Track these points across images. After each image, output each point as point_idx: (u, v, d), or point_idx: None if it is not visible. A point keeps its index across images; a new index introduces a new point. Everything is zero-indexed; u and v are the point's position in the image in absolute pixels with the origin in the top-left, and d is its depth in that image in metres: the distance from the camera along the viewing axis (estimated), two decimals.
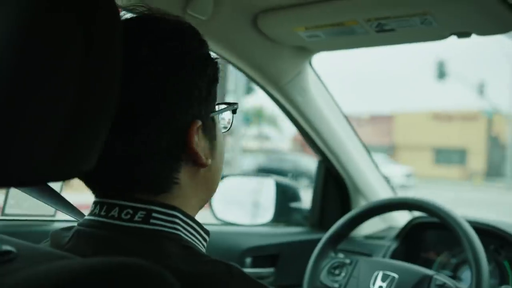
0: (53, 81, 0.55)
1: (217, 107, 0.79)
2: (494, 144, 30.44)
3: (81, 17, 0.58)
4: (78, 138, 0.57)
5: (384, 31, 1.27)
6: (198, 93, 0.71)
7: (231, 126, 0.85)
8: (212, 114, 0.75)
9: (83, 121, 0.57)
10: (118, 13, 0.63)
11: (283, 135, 29.15)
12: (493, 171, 29.44)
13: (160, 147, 0.68)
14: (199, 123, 0.71)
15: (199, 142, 0.71)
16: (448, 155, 30.72)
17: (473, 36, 1.24)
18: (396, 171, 19.98)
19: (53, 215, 1.37)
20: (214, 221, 1.80)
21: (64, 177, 0.58)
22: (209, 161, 0.74)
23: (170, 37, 0.71)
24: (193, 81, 0.70)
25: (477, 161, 30.32)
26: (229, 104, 0.83)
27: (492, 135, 30.63)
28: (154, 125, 0.67)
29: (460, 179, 29.12)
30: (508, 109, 25.50)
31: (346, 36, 1.34)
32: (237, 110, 0.85)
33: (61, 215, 1.28)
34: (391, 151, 31.80)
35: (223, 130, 0.83)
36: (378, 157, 20.98)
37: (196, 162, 0.72)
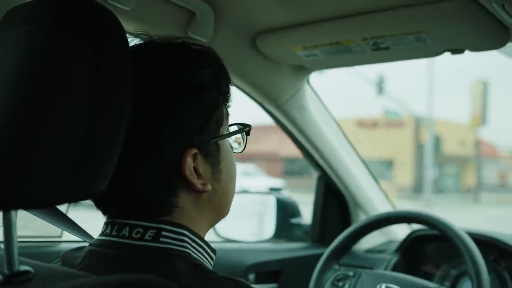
0: (67, 107, 0.58)
1: (230, 128, 0.81)
2: (422, 153, 26.22)
3: (92, 44, 0.61)
4: (91, 161, 0.59)
5: (379, 49, 1.31)
6: (191, 122, 0.71)
7: (245, 147, 0.86)
8: (213, 140, 0.75)
9: (96, 144, 0.59)
10: (127, 39, 0.66)
11: None
12: (419, 186, 25.73)
13: (152, 175, 0.70)
14: (194, 151, 0.71)
15: (199, 167, 0.73)
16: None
17: (466, 52, 1.28)
18: (262, 184, 16.62)
19: (60, 236, 1.38)
20: (216, 238, 1.82)
21: (78, 198, 0.60)
22: (208, 186, 0.74)
23: (162, 68, 0.71)
24: (185, 111, 0.71)
25: (405, 173, 27.14)
26: (241, 124, 0.84)
27: (420, 143, 27.21)
28: (145, 154, 0.68)
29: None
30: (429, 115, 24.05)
31: (343, 54, 1.37)
32: None
33: (68, 236, 1.29)
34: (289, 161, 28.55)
35: (237, 150, 0.85)
36: (247, 168, 19.05)
37: (193, 189, 0.73)
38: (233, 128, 0.83)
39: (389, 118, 27.73)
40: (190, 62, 0.74)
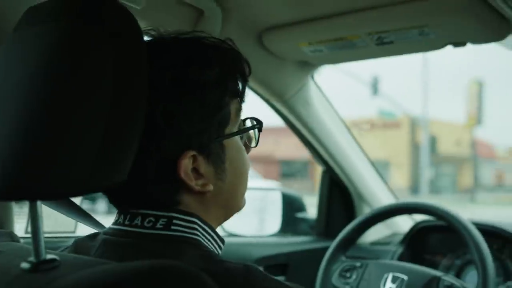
0: (89, 99, 0.60)
1: (245, 122, 0.82)
2: (418, 154, 26.38)
3: (111, 38, 0.63)
4: (112, 152, 0.61)
5: (383, 43, 1.34)
6: (189, 124, 0.71)
7: (257, 143, 0.86)
8: (217, 140, 0.75)
9: (116, 135, 0.62)
10: (142, 35, 0.67)
11: None
12: (416, 186, 25.64)
13: (153, 173, 0.72)
14: (191, 153, 0.72)
15: (200, 168, 0.73)
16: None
17: (468, 45, 1.31)
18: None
19: (74, 231, 1.41)
20: (222, 233, 1.84)
21: (100, 188, 0.62)
22: (209, 187, 0.75)
23: (167, 66, 0.72)
24: (184, 112, 0.71)
25: (401, 175, 26.52)
26: (253, 119, 0.84)
27: (415, 144, 27.06)
28: (146, 152, 0.69)
29: None
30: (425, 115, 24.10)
31: (348, 49, 1.40)
32: None
33: (82, 232, 1.31)
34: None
35: (252, 145, 0.85)
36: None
37: (191, 190, 0.73)
38: (248, 123, 0.83)
39: (384, 119, 27.64)
40: (196, 61, 0.74)
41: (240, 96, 0.80)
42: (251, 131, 0.85)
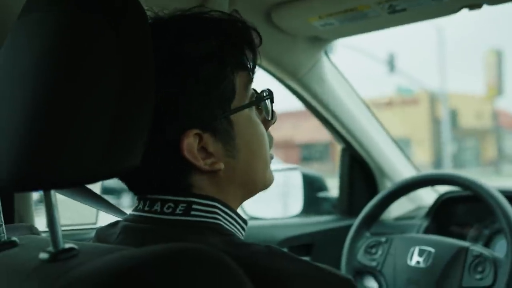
0: (96, 85, 0.59)
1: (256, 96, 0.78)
2: (439, 129, 25.84)
3: (113, 23, 0.62)
4: (123, 137, 0.60)
5: (396, 11, 1.30)
6: (188, 102, 0.70)
7: (272, 116, 0.81)
8: (222, 116, 0.72)
9: (126, 119, 0.61)
10: (146, 17, 0.66)
11: None
12: (438, 161, 25.11)
13: (157, 158, 0.70)
14: (194, 132, 0.70)
15: (208, 147, 0.72)
16: None
17: (484, 6, 1.27)
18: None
19: (95, 223, 1.41)
20: (244, 217, 1.83)
21: (114, 173, 0.62)
22: (219, 165, 0.73)
23: (162, 44, 0.70)
24: (181, 90, 0.70)
25: (423, 151, 26.33)
26: (266, 90, 0.80)
27: (436, 119, 26.63)
28: (152, 134, 0.67)
29: None
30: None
31: (359, 21, 1.37)
32: None
33: (102, 223, 1.32)
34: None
35: (268, 118, 0.81)
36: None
37: (200, 169, 0.72)
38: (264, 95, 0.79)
39: (403, 96, 27.41)
40: (191, 35, 0.72)
41: (249, 68, 0.76)
42: (266, 104, 0.81)
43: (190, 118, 0.70)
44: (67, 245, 0.60)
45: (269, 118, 0.81)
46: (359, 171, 1.93)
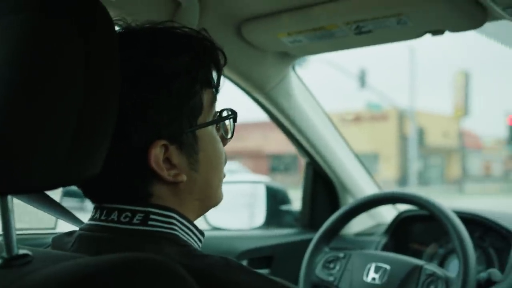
0: (58, 92, 0.59)
1: (222, 113, 0.81)
2: (406, 146, 26.11)
3: (80, 30, 0.62)
4: (85, 145, 0.60)
5: (362, 33, 1.34)
6: (158, 114, 0.71)
7: (232, 135, 0.84)
8: (188, 130, 0.74)
9: (89, 127, 0.61)
10: (114, 26, 0.66)
11: None
12: (404, 178, 25.52)
13: (123, 164, 0.71)
14: (161, 143, 0.71)
15: (173, 158, 0.73)
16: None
17: (446, 33, 1.31)
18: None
19: (54, 228, 1.39)
20: (206, 227, 1.84)
21: (73, 181, 0.62)
22: (182, 177, 0.74)
23: (133, 56, 0.71)
24: (152, 102, 0.70)
25: (390, 167, 26.91)
26: (228, 110, 0.82)
27: (403, 136, 27.01)
28: (116, 143, 0.67)
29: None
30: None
31: (327, 39, 1.40)
32: None
33: (61, 228, 1.30)
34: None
35: (228, 136, 0.84)
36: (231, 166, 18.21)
37: (163, 180, 0.73)
38: (224, 115, 0.82)
39: (372, 111, 27.77)
40: (164, 50, 0.73)
41: (214, 86, 0.79)
42: (227, 123, 0.84)
43: (159, 129, 0.71)
44: (21, 251, 0.60)
45: (228, 137, 0.84)
46: (322, 185, 1.95)
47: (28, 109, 0.57)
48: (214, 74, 0.79)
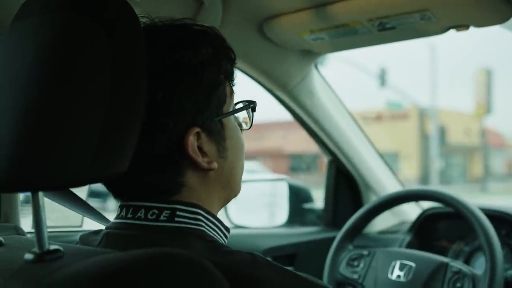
0: (87, 89, 0.60)
1: (236, 106, 0.83)
2: (427, 144, 25.81)
3: (106, 28, 0.63)
4: (112, 142, 0.62)
5: (385, 29, 1.33)
6: (191, 102, 0.73)
7: (251, 124, 0.87)
8: (216, 119, 0.76)
9: (116, 125, 0.62)
10: (139, 23, 0.68)
11: None
12: (426, 177, 25.53)
13: (157, 156, 0.72)
14: (196, 130, 0.73)
15: (204, 146, 0.75)
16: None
17: (471, 28, 1.30)
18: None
19: (80, 226, 1.42)
20: (229, 225, 1.84)
21: (101, 178, 0.63)
22: (214, 164, 0.76)
23: (163, 50, 0.73)
24: (185, 91, 0.73)
25: (411, 166, 26.39)
26: (246, 101, 0.86)
27: (425, 134, 26.69)
28: (149, 135, 0.70)
29: None
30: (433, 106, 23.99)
31: (350, 36, 1.39)
32: None
33: (88, 226, 1.32)
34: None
35: (244, 127, 0.86)
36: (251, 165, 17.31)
37: (199, 167, 0.75)
38: (238, 107, 0.84)
39: (392, 110, 27.54)
40: (190, 43, 0.75)
41: (231, 78, 0.81)
42: (243, 114, 0.87)
43: (193, 117, 0.73)
44: (52, 247, 0.61)
45: (248, 128, 0.87)
46: (345, 183, 1.95)
47: (58, 107, 0.59)
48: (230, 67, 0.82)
